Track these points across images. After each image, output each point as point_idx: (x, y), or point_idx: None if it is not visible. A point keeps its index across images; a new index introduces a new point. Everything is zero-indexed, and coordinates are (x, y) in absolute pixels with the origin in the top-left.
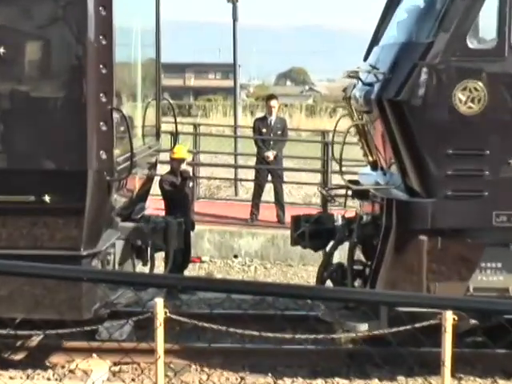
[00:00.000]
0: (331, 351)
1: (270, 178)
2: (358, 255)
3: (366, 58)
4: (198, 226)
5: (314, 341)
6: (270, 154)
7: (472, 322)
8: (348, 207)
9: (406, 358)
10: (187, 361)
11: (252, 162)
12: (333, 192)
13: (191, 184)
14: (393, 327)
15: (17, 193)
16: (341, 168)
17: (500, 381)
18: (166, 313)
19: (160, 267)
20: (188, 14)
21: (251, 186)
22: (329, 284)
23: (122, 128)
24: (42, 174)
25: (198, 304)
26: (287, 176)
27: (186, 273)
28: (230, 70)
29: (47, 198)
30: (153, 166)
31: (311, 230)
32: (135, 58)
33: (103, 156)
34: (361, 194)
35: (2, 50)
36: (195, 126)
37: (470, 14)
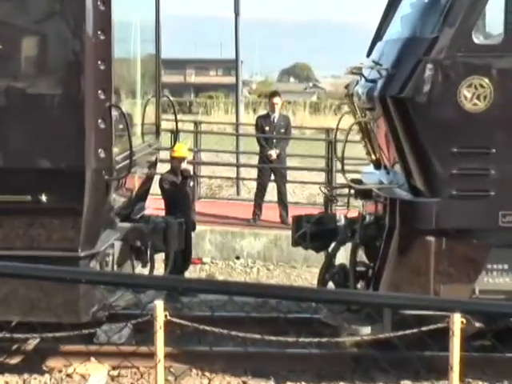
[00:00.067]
0: (336, 355)
1: (272, 177)
2: (360, 256)
3: (369, 54)
4: (198, 227)
5: (318, 344)
6: (273, 153)
7: (477, 325)
8: (352, 207)
9: (412, 362)
10: (188, 365)
11: (254, 160)
12: (337, 191)
13: (192, 183)
14: (397, 330)
15: (13, 192)
16: (343, 167)
17: None
18: (166, 315)
19: (160, 269)
20: (188, 8)
21: (253, 185)
22: (331, 286)
23: (121, 126)
24: (39, 172)
25: (198, 306)
26: (291, 175)
27: (187, 274)
28: (231, 66)
29: (44, 198)
30: (152, 165)
31: (312, 231)
32: (134, 53)
33: (101, 154)
34: (364, 194)
35: None
36: (196, 124)
37: (476, 8)
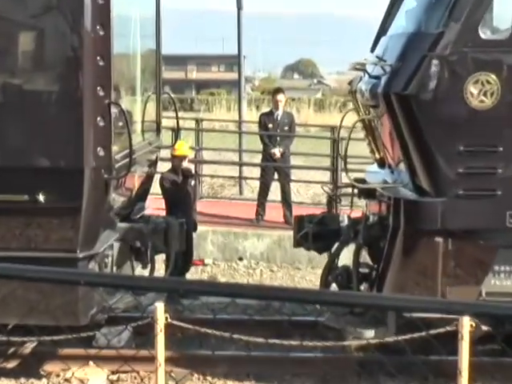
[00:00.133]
0: (341, 359)
1: (276, 176)
2: (364, 257)
3: (372, 49)
4: (200, 227)
5: (322, 348)
6: (277, 151)
7: (484, 328)
8: (357, 207)
9: (419, 366)
10: (189, 369)
11: (257, 159)
12: (341, 191)
13: (193, 182)
14: (401, 334)
15: (9, 192)
16: (345, 165)
17: None
18: (166, 318)
19: (160, 270)
20: (188, 1)
21: (257, 184)
22: (334, 288)
23: (121, 123)
24: (36, 171)
25: (200, 309)
26: (295, 174)
27: (188, 276)
28: (234, 61)
29: (41, 198)
30: (153, 164)
31: (315, 231)
32: (134, 49)
33: (101, 153)
34: (367, 193)
35: None
36: (197, 122)
37: (483, 2)
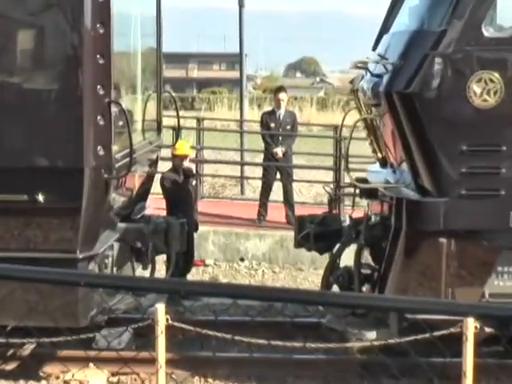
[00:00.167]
0: (344, 361)
1: (278, 175)
2: (365, 258)
3: (374, 47)
4: (201, 227)
5: (325, 350)
6: (279, 151)
7: (487, 330)
8: (360, 207)
9: (424, 369)
10: (190, 371)
11: (259, 158)
12: (343, 191)
13: (194, 182)
14: (403, 335)
15: (8, 192)
16: (347, 165)
17: None
18: (167, 320)
19: (161, 271)
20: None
21: (258, 184)
22: (335, 289)
23: (121, 122)
24: (36, 171)
25: (201, 310)
26: (297, 174)
27: (189, 277)
28: (235, 60)
29: (41, 198)
30: (153, 163)
31: (316, 232)
32: (135, 47)
33: (101, 152)
34: (369, 193)
35: None
36: (199, 121)
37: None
